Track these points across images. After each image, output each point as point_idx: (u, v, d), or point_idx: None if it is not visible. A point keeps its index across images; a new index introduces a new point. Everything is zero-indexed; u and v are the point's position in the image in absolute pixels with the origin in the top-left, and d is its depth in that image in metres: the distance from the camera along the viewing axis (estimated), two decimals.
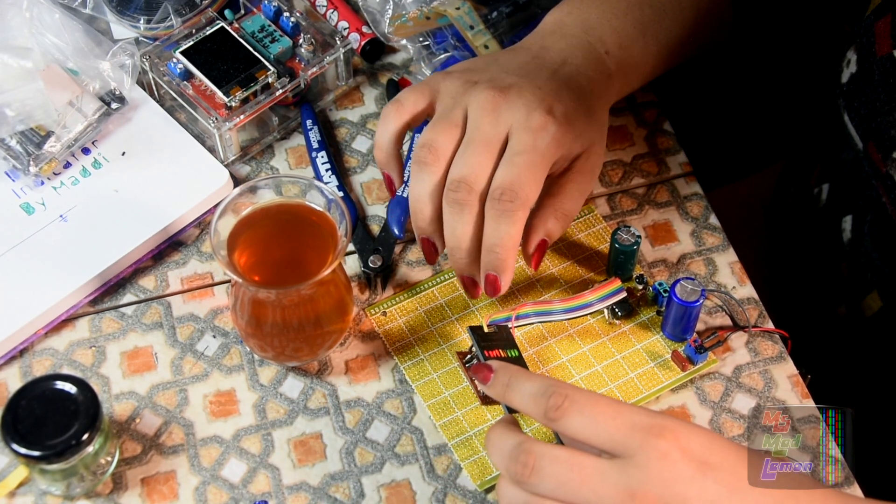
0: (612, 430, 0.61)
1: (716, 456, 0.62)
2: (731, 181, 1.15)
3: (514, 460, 0.62)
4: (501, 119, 0.74)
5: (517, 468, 0.62)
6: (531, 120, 0.73)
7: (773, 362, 0.80)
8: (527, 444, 0.63)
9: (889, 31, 0.75)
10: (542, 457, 0.62)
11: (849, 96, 0.79)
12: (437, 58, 0.92)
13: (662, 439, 0.60)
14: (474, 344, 0.74)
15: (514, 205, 0.72)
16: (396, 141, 0.78)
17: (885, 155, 0.76)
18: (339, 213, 0.74)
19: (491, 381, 0.67)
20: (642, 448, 0.61)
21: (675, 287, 0.76)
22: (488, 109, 0.74)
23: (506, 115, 0.74)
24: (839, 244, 0.92)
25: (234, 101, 0.86)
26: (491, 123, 0.74)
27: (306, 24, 0.90)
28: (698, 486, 0.60)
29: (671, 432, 0.61)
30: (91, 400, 0.71)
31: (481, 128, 0.74)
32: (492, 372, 0.67)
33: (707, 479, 0.61)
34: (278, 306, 0.74)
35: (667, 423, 0.61)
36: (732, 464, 0.62)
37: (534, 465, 0.62)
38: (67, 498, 0.74)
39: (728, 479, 0.61)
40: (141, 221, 0.83)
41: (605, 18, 0.81)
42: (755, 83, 1.07)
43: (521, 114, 0.74)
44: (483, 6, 0.92)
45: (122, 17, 0.92)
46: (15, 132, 0.85)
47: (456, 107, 0.75)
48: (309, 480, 0.75)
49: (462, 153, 0.74)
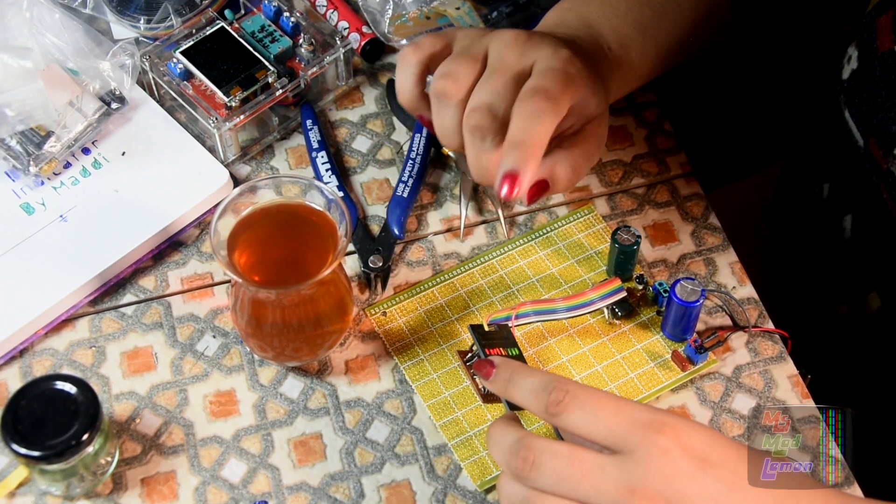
0: (613, 425, 0.61)
1: (716, 453, 0.62)
2: (731, 181, 1.15)
3: (515, 455, 0.62)
4: (526, 53, 0.72)
5: (517, 463, 0.62)
6: (557, 53, 0.71)
7: (773, 362, 0.80)
8: (527, 439, 0.63)
9: (891, 27, 0.75)
10: (543, 452, 0.62)
11: (850, 93, 0.79)
12: None
13: (663, 435, 0.60)
14: (475, 342, 0.74)
15: (548, 104, 0.69)
16: (420, 82, 0.75)
17: (885, 151, 0.76)
18: (339, 213, 0.74)
19: (493, 376, 0.67)
20: (643, 444, 0.60)
21: (675, 287, 0.76)
22: (513, 45, 0.72)
23: (531, 50, 0.72)
24: (840, 243, 0.92)
25: (234, 101, 0.86)
26: (515, 56, 0.71)
27: (306, 24, 0.90)
28: (698, 482, 0.60)
29: (672, 429, 0.61)
30: (91, 400, 0.71)
31: (505, 59, 0.71)
32: (494, 367, 0.67)
33: (707, 476, 0.61)
34: (278, 306, 0.74)
35: (668, 420, 0.61)
36: (733, 461, 0.62)
37: (534, 460, 0.62)
38: (67, 498, 0.74)
39: (728, 477, 0.61)
40: (141, 221, 0.83)
41: (606, 17, 0.81)
42: (755, 83, 1.07)
43: (548, 51, 0.72)
44: (483, 6, 0.93)
45: (122, 17, 0.92)
46: (15, 132, 0.85)
47: (476, 44, 0.73)
48: (309, 480, 0.75)
49: (485, 80, 0.71)
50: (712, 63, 0.95)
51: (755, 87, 1.07)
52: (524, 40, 0.72)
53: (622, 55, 0.81)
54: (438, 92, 0.72)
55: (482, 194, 0.88)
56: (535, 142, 0.69)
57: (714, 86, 1.05)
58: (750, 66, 1.04)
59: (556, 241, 0.85)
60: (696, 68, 0.92)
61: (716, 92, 1.07)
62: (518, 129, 0.69)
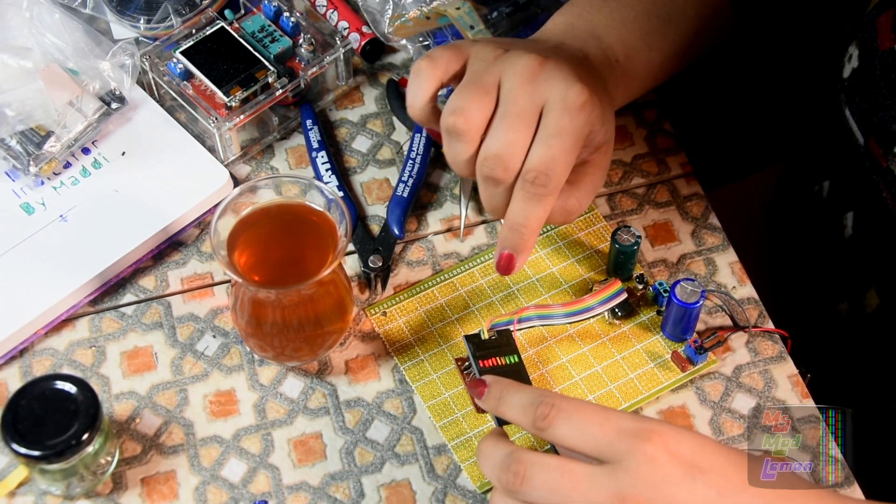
0: (600, 435, 0.62)
1: (706, 459, 0.62)
2: (731, 181, 1.15)
3: (506, 470, 0.63)
4: (539, 90, 0.71)
5: (508, 477, 0.63)
6: (569, 96, 0.71)
7: (773, 362, 0.80)
8: (517, 453, 0.64)
9: (891, 26, 0.75)
10: (533, 465, 0.63)
11: (850, 91, 0.79)
12: None
13: (650, 443, 0.61)
14: (470, 354, 0.74)
15: (546, 189, 0.71)
16: (433, 98, 0.75)
17: (885, 150, 0.76)
18: (339, 213, 0.74)
19: (484, 395, 0.68)
20: (630, 452, 0.61)
21: (675, 288, 0.76)
22: (525, 79, 0.71)
23: (543, 86, 0.72)
24: (840, 241, 0.92)
25: (234, 101, 0.86)
26: (528, 94, 0.71)
27: (306, 24, 0.90)
28: (687, 488, 0.61)
29: (658, 436, 0.61)
30: (91, 400, 0.71)
31: (517, 100, 0.71)
32: (485, 386, 0.68)
33: (697, 482, 0.61)
34: (278, 306, 0.74)
35: (654, 427, 0.62)
36: (723, 466, 0.62)
37: (524, 474, 0.63)
38: (67, 498, 0.74)
39: (718, 482, 0.61)
40: (141, 221, 0.83)
41: (613, 27, 0.81)
42: (755, 82, 1.07)
43: (560, 88, 0.71)
44: (483, 6, 0.92)
45: (122, 17, 0.92)
46: (15, 132, 0.85)
47: (489, 72, 0.73)
48: (309, 480, 0.75)
49: (498, 127, 0.72)
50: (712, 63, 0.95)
51: (755, 87, 1.07)
52: (537, 73, 0.72)
53: (628, 67, 0.81)
54: (450, 128, 0.72)
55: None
56: (533, 225, 0.72)
57: (714, 86, 1.05)
58: (750, 66, 1.04)
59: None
60: (696, 68, 0.92)
61: (715, 92, 1.07)
62: (517, 213, 0.72)
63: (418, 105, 0.75)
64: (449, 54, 0.75)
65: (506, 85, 0.72)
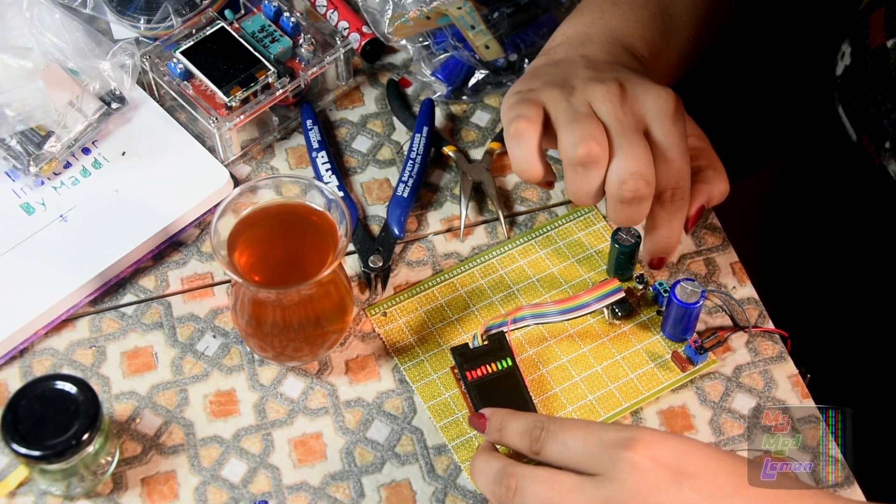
0: (583, 449, 0.64)
1: (693, 465, 0.62)
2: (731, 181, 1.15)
3: (498, 483, 0.65)
4: (635, 108, 0.73)
5: (501, 491, 0.65)
6: (661, 103, 0.73)
7: (773, 362, 0.80)
8: (509, 467, 0.66)
9: (883, 23, 0.75)
10: (524, 478, 0.64)
11: (843, 88, 0.79)
12: (437, 58, 0.92)
13: (632, 451, 0.62)
14: (457, 367, 0.76)
15: (684, 200, 0.74)
16: (542, 154, 0.75)
17: (877, 146, 0.76)
18: (339, 213, 0.74)
19: (487, 428, 0.70)
20: (614, 462, 0.62)
21: (675, 288, 0.76)
22: (616, 101, 0.72)
23: (635, 104, 0.73)
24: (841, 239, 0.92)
25: (234, 101, 0.86)
26: (627, 114, 0.72)
27: (306, 24, 0.90)
28: (673, 494, 0.61)
29: (641, 443, 0.62)
30: (91, 400, 0.71)
31: (623, 120, 0.72)
32: (486, 420, 0.70)
33: (683, 488, 0.62)
34: (278, 306, 0.74)
35: (636, 435, 0.63)
36: (711, 471, 0.62)
37: (516, 487, 0.64)
38: (67, 498, 0.74)
39: (706, 487, 0.62)
40: (141, 221, 0.83)
41: (632, 27, 0.81)
42: (754, 82, 1.07)
43: (651, 99, 0.73)
44: (484, 6, 0.93)
45: (122, 17, 0.92)
46: (15, 132, 0.85)
47: (577, 105, 0.73)
48: (309, 480, 0.75)
49: (621, 147, 0.72)
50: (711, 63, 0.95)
51: (754, 87, 1.07)
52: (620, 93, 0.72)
53: (654, 63, 0.81)
54: (583, 158, 0.71)
55: (482, 194, 0.88)
56: (679, 234, 0.76)
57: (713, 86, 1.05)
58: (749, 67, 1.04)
59: (557, 240, 0.85)
60: (696, 68, 0.92)
61: (715, 92, 1.07)
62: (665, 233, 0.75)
63: (533, 161, 0.74)
64: (533, 109, 0.74)
65: (603, 111, 0.72)
